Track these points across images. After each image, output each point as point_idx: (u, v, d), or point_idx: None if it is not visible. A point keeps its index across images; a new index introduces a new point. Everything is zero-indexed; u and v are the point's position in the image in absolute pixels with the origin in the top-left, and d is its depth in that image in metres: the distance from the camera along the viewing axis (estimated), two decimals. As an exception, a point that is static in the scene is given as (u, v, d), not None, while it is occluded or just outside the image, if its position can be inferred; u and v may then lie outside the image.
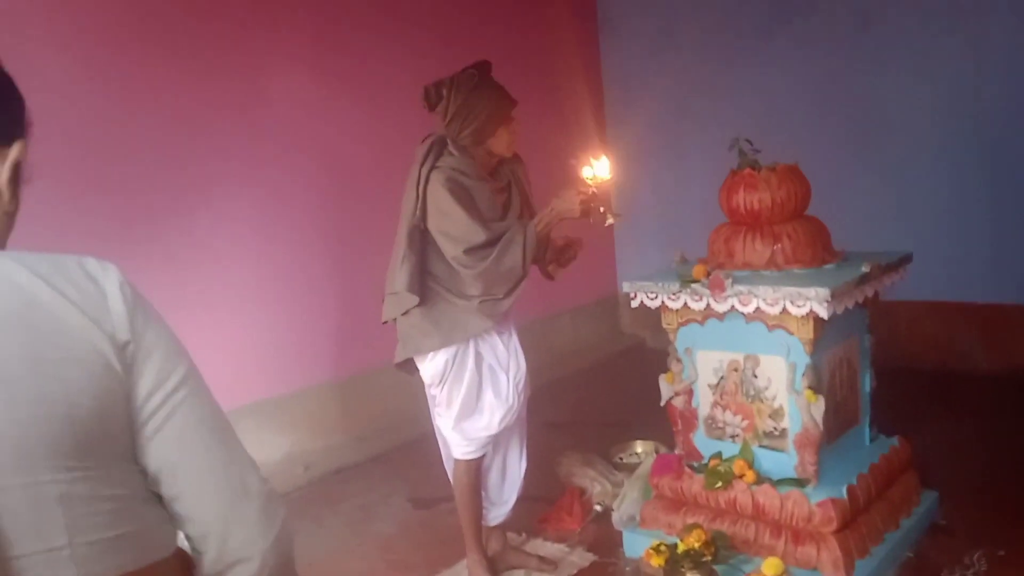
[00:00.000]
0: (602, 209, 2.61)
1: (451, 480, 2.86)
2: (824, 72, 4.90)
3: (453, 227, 2.56)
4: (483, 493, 2.88)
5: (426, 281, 2.63)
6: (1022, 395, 4.21)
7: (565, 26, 5.49)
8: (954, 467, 3.40)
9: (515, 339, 2.82)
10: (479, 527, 2.85)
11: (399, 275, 2.63)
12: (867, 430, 3.05)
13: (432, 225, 2.60)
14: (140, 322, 0.95)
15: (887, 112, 4.76)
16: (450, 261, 2.61)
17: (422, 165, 2.61)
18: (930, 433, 3.61)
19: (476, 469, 2.78)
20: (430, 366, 2.67)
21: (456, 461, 2.79)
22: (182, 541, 1.02)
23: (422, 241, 2.61)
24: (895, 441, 3.07)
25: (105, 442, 0.93)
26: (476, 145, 2.63)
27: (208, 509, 0.99)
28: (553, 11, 5.34)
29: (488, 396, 2.72)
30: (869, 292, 2.79)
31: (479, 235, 2.56)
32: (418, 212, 2.59)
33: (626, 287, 2.99)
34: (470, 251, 2.57)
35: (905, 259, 3.00)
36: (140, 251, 3.35)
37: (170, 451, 0.97)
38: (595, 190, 2.60)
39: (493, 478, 2.92)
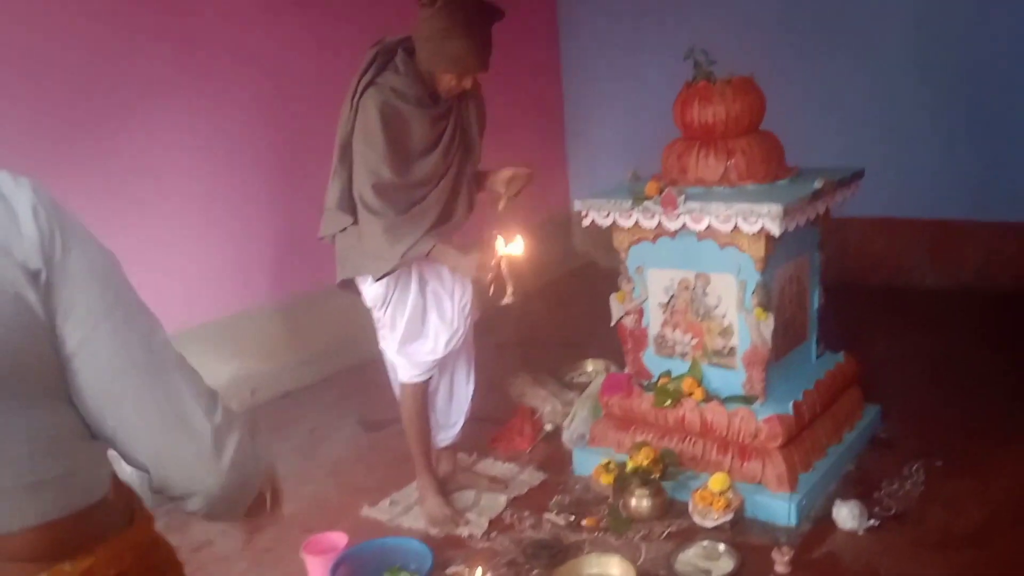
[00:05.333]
0: (509, 289, 2.46)
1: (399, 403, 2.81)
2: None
3: (371, 154, 2.41)
4: (431, 416, 2.85)
5: None
6: (965, 309, 4.29)
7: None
8: (897, 381, 3.46)
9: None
10: (428, 450, 2.82)
11: (331, 191, 2.52)
12: (814, 346, 3.07)
13: (355, 144, 2.45)
14: (57, 247, 0.85)
15: (841, 27, 4.68)
16: (355, 192, 2.47)
17: (362, 76, 2.46)
18: (875, 348, 3.67)
19: (423, 392, 2.74)
20: (371, 288, 2.58)
21: (402, 385, 2.73)
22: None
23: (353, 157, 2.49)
24: (841, 357, 3.10)
25: (20, 378, 0.84)
26: (426, 66, 2.45)
27: (143, 450, 0.91)
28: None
29: (433, 319, 2.65)
30: (821, 209, 2.76)
31: (391, 174, 2.41)
32: (349, 126, 2.45)
33: (577, 205, 2.93)
34: (378, 187, 2.42)
35: (857, 175, 2.98)
36: (62, 167, 3.15)
37: (96, 391, 0.88)
38: (502, 266, 2.46)
39: (440, 401, 2.88)
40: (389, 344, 2.68)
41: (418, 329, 2.65)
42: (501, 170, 2.63)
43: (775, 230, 2.50)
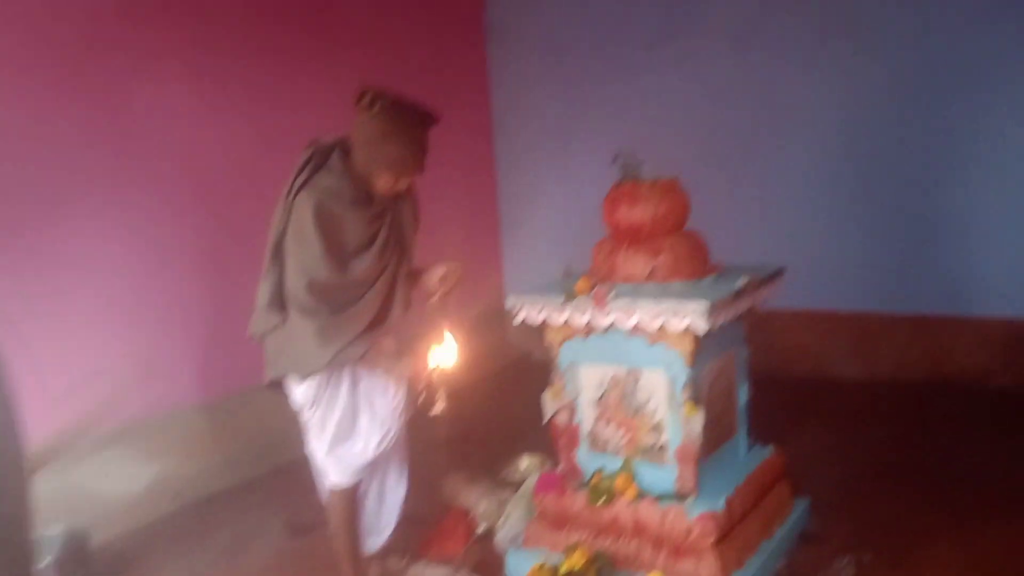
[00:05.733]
0: (439, 400, 2.52)
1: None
2: (705, 87, 5.03)
3: (304, 254, 2.41)
4: (361, 520, 2.76)
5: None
6: (886, 401, 4.42)
7: (451, 33, 5.43)
8: (823, 474, 3.51)
9: (393, 359, 2.71)
10: (357, 557, 2.72)
11: (262, 290, 2.49)
12: (743, 441, 3.10)
13: (287, 244, 2.45)
14: None
15: (760, 130, 4.94)
16: (287, 292, 2.45)
17: (297, 176, 2.48)
18: (801, 440, 3.72)
19: (352, 497, 2.66)
20: (300, 389, 2.53)
21: (331, 490, 2.65)
22: None
23: (285, 256, 2.48)
24: (769, 451, 3.14)
25: None
26: (364, 167, 2.49)
27: None
28: (439, 17, 5.27)
29: (364, 420, 2.60)
30: (746, 306, 2.84)
31: (327, 273, 2.42)
32: (283, 225, 2.45)
33: (510, 302, 2.94)
34: (312, 286, 2.41)
35: (778, 272, 3.08)
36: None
37: None
38: (433, 376, 2.51)
39: (370, 505, 2.80)
40: (318, 446, 2.61)
41: (348, 430, 2.59)
42: (434, 268, 2.65)
43: (702, 327, 2.56)
